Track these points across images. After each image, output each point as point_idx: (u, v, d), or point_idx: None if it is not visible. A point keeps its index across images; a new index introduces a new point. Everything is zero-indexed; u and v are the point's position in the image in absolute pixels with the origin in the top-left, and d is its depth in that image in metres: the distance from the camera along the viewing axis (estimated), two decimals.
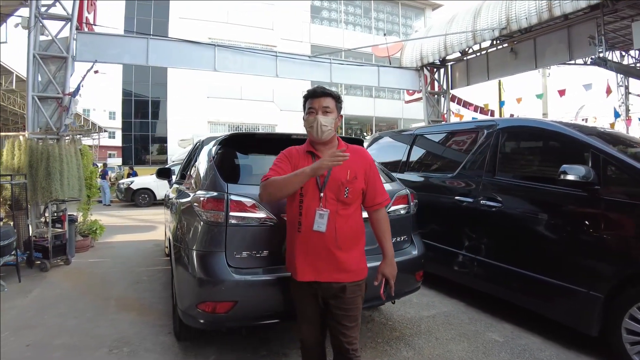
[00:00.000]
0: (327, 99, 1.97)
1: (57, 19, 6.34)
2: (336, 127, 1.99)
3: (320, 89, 1.99)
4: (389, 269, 2.01)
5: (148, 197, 13.86)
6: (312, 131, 1.95)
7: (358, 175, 1.94)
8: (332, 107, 1.97)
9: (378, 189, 2.00)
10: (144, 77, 22.96)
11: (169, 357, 2.89)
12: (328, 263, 1.89)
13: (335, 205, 1.91)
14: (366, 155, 2.04)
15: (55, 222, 5.60)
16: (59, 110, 6.13)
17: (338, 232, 1.89)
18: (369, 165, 1.99)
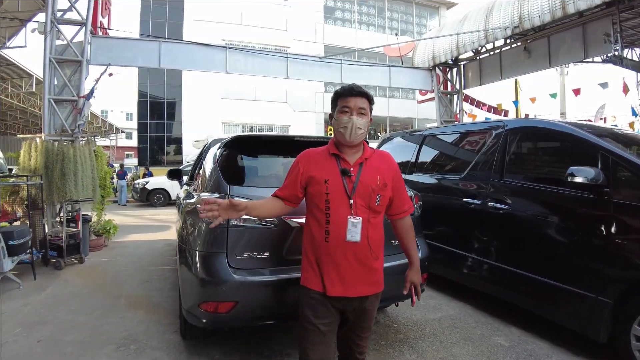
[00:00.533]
0: (363, 99, 1.83)
1: (72, 24, 6.49)
2: (367, 129, 1.86)
3: (357, 88, 1.84)
4: (417, 276, 1.96)
5: (163, 197, 14.06)
6: (344, 132, 1.78)
7: (387, 182, 1.84)
8: (367, 109, 1.84)
9: (404, 196, 1.95)
10: (159, 78, 23.31)
11: (174, 355, 2.94)
12: (360, 275, 1.78)
13: (366, 213, 1.78)
14: (393, 161, 1.94)
15: (69, 222, 5.75)
16: (73, 112, 6.28)
17: (371, 241, 1.79)
18: (395, 172, 1.91)
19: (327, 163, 1.83)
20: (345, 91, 1.84)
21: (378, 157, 1.89)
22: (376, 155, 1.89)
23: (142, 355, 2.94)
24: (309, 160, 1.88)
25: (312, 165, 1.85)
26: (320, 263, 1.79)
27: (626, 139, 3.44)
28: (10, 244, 4.30)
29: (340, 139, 1.81)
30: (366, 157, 1.84)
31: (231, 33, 21.72)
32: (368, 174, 1.80)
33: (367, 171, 1.79)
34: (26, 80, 14.33)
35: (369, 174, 1.80)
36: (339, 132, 1.81)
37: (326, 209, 1.77)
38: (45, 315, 3.72)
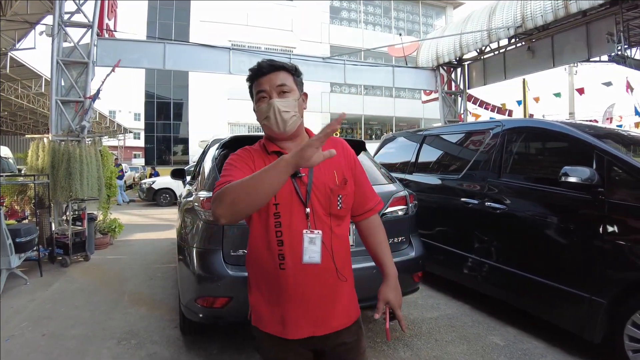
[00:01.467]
0: (280, 73, 1.33)
1: (79, 27, 6.62)
2: (302, 110, 1.38)
3: (267, 62, 1.35)
4: (394, 293, 1.38)
5: (169, 197, 14.20)
6: (270, 124, 1.31)
7: (347, 176, 1.38)
8: (291, 84, 1.34)
9: (368, 191, 1.47)
10: (165, 79, 23.55)
11: (173, 349, 3.02)
12: (329, 306, 1.33)
13: (327, 223, 1.33)
14: (348, 147, 1.47)
15: (75, 220, 5.88)
16: (80, 113, 6.40)
17: (337, 259, 1.33)
18: (353, 161, 1.44)
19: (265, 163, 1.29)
20: (255, 71, 1.36)
21: (329, 145, 1.35)
22: (327, 144, 1.28)
23: (142, 349, 3.03)
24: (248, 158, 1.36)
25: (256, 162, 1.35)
26: (279, 298, 1.31)
27: (626, 140, 3.45)
28: (17, 241, 4.41)
29: (270, 133, 1.35)
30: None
31: (237, 34, 21.89)
32: (322, 170, 1.34)
33: (319, 166, 1.26)
34: (35, 81, 14.57)
35: (323, 170, 1.34)
36: (264, 126, 1.34)
37: (276, 225, 1.28)
38: (50, 311, 3.82)
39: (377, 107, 25.76)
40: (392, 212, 3.01)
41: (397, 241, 3.04)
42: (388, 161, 5.74)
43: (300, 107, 1.36)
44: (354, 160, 1.45)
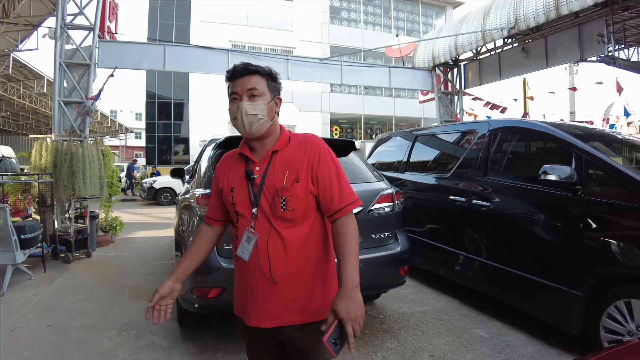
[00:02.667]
0: (252, 77, 1.40)
1: (81, 29, 6.78)
2: (272, 114, 1.43)
3: (242, 66, 1.42)
4: (345, 304, 1.20)
5: (170, 196, 14.37)
6: (236, 124, 1.41)
7: (300, 175, 1.37)
8: (262, 89, 1.40)
9: (334, 192, 1.37)
10: (166, 79, 23.65)
11: (171, 339, 3.18)
12: (266, 303, 1.38)
13: (267, 225, 1.37)
14: (315, 145, 1.42)
15: (77, 218, 6.04)
16: (82, 114, 6.56)
17: (273, 261, 1.36)
18: (314, 159, 1.38)
19: (236, 166, 1.48)
20: (229, 74, 1.44)
21: (296, 144, 1.43)
22: (294, 143, 1.44)
23: (141, 339, 3.19)
24: (220, 166, 1.55)
25: (222, 171, 1.53)
26: (238, 286, 1.50)
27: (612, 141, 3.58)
28: (22, 237, 4.57)
29: (240, 133, 1.44)
30: (275, 150, 1.42)
31: (237, 34, 22.02)
32: (276, 171, 1.39)
33: (274, 167, 1.39)
34: (37, 82, 14.74)
35: (276, 171, 1.39)
36: (234, 126, 1.44)
37: (236, 221, 1.44)
38: (54, 304, 3.99)
39: (376, 107, 25.86)
40: (379, 209, 3.16)
41: (383, 236, 3.18)
42: (382, 160, 5.89)
43: (270, 111, 1.41)
44: (319, 161, 1.38)
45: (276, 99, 1.46)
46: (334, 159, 1.42)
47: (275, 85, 1.46)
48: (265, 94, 1.41)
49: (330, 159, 1.41)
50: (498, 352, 3.02)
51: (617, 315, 2.66)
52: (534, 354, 3.01)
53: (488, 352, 3.04)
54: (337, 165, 1.42)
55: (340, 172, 1.41)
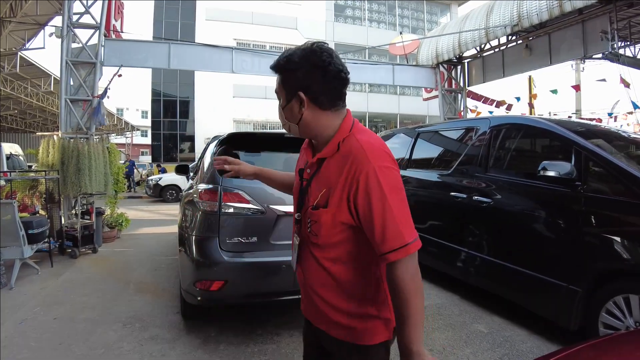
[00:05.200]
0: (277, 77, 1.20)
1: (87, 28, 6.86)
2: (295, 116, 1.16)
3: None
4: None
5: (175, 193, 14.46)
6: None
7: (331, 199, 1.11)
8: (278, 89, 1.20)
9: (377, 227, 1.05)
10: (172, 78, 23.79)
11: (174, 332, 3.25)
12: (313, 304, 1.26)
13: (304, 236, 1.24)
14: (358, 162, 1.07)
15: (84, 214, 6.13)
16: (88, 111, 6.65)
17: (308, 276, 1.25)
18: (355, 182, 1.07)
19: (306, 154, 1.29)
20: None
21: (341, 156, 1.13)
22: (340, 153, 1.13)
23: (145, 331, 3.25)
24: (303, 146, 1.36)
25: (301, 152, 1.37)
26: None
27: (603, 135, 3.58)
28: (29, 232, 4.66)
29: None
30: (324, 157, 1.18)
31: (242, 32, 22.11)
32: (316, 183, 1.19)
33: (317, 178, 1.18)
34: (44, 80, 14.87)
35: (316, 183, 1.19)
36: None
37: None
38: (61, 297, 4.07)
39: (381, 104, 25.83)
40: None
41: None
42: None
43: (291, 113, 1.17)
44: (357, 187, 1.06)
45: (297, 94, 1.13)
46: (382, 186, 1.04)
47: (289, 79, 1.15)
48: (281, 95, 1.20)
49: (375, 186, 1.04)
50: (497, 347, 3.05)
51: (615, 311, 2.68)
52: (532, 348, 3.03)
53: (487, 346, 3.07)
54: (387, 194, 1.04)
55: (388, 205, 1.04)
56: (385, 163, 1.08)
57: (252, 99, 22.88)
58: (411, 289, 1.04)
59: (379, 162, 1.06)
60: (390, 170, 1.08)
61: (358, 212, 1.07)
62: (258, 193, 2.80)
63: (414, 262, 1.07)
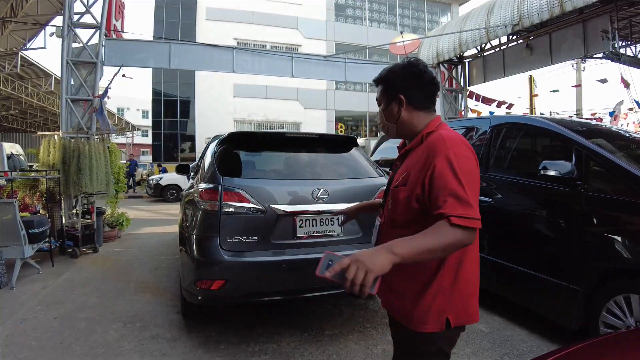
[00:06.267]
0: (377, 88, 1.50)
1: (87, 27, 6.86)
2: (393, 117, 1.42)
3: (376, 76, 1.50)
4: (363, 251, 1.10)
5: (176, 193, 14.48)
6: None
7: (410, 179, 1.31)
8: (380, 97, 1.47)
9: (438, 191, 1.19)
10: (172, 77, 23.78)
11: (175, 331, 3.25)
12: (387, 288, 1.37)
13: (386, 216, 1.45)
14: (435, 151, 1.25)
15: (84, 214, 6.14)
16: (89, 111, 6.65)
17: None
18: (431, 167, 1.23)
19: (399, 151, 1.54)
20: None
21: (424, 147, 1.33)
22: (424, 145, 1.34)
23: (145, 331, 3.26)
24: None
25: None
26: None
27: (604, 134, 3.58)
28: (30, 232, 4.66)
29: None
30: (409, 148, 1.42)
31: (243, 32, 22.13)
32: (401, 169, 1.42)
33: (404, 164, 1.41)
34: (45, 80, 14.90)
35: (402, 169, 1.41)
36: None
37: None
38: (61, 297, 4.07)
39: None
40: None
41: None
42: (386, 157, 5.91)
43: (389, 115, 1.44)
44: (436, 168, 1.21)
45: (396, 98, 1.41)
46: (454, 167, 1.19)
47: (387, 88, 1.45)
48: (382, 101, 1.47)
49: (448, 166, 1.20)
50: (498, 347, 3.05)
51: (616, 310, 2.68)
52: (533, 348, 3.03)
53: (488, 346, 3.07)
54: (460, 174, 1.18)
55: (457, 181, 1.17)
56: (461, 151, 1.24)
57: (253, 98, 22.90)
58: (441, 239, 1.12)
59: (455, 150, 1.24)
60: (466, 158, 1.25)
61: (430, 186, 1.22)
62: (258, 192, 2.81)
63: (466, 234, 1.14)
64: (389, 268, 1.07)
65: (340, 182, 3.14)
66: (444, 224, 1.13)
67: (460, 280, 1.31)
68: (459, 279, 1.30)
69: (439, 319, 1.28)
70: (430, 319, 1.28)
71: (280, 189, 2.91)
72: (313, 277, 1.13)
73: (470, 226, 1.14)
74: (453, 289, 1.29)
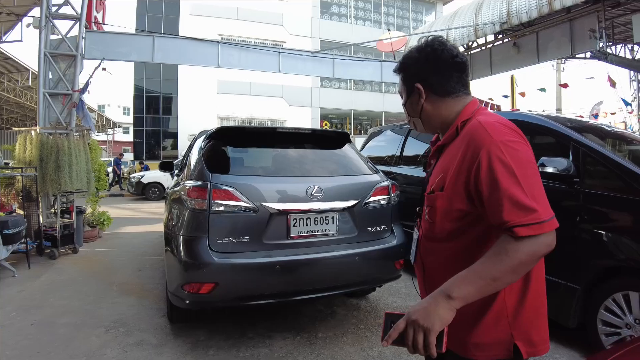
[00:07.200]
0: (398, 78, 1.26)
1: (66, 19, 6.59)
2: (416, 110, 1.20)
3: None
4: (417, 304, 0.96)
5: (158, 191, 14.19)
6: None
7: (447, 181, 1.07)
8: (401, 88, 1.26)
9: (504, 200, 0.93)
10: (155, 73, 23.36)
11: (161, 337, 3.08)
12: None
13: (423, 228, 1.21)
14: (477, 142, 1.00)
15: (64, 213, 5.88)
16: (68, 106, 6.39)
17: (427, 268, 1.20)
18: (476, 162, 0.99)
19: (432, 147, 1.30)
20: None
21: (461, 138, 1.09)
22: (460, 136, 1.10)
23: (130, 336, 3.08)
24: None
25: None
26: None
27: (606, 134, 3.56)
28: (5, 233, 4.42)
29: None
30: (443, 144, 1.19)
31: (227, 28, 21.82)
32: (436, 170, 1.18)
33: (439, 164, 1.18)
34: (22, 75, 14.40)
35: (436, 170, 1.18)
36: None
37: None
38: (39, 301, 3.86)
39: (366, 102, 25.91)
40: (376, 202, 3.10)
41: (379, 229, 3.13)
42: (375, 154, 5.82)
43: (412, 108, 1.22)
44: (478, 167, 0.98)
45: (415, 88, 1.17)
46: (507, 159, 0.95)
47: (408, 73, 1.21)
48: (403, 92, 1.25)
49: (499, 160, 0.96)
50: None
51: (614, 308, 2.64)
52: None
53: None
54: (514, 167, 0.95)
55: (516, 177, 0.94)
56: (509, 137, 1.00)
57: (237, 95, 22.62)
58: (505, 265, 0.91)
59: (502, 137, 0.99)
60: (517, 143, 1.00)
61: (480, 192, 0.98)
62: (249, 190, 2.67)
63: (541, 242, 0.93)
64: (451, 318, 0.91)
65: (334, 180, 3.03)
66: (507, 239, 0.92)
67: (529, 298, 1.06)
68: (527, 294, 1.06)
69: (500, 345, 1.05)
70: (490, 348, 1.05)
71: (272, 186, 2.78)
72: (307, 279, 1.03)
73: (542, 232, 0.92)
74: (521, 309, 1.05)
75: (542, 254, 0.94)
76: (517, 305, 1.05)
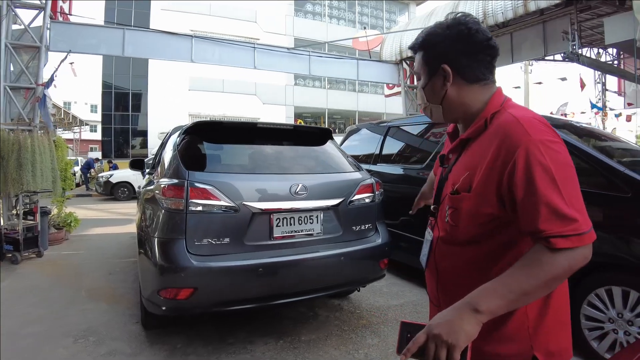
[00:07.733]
0: (416, 56, 1.11)
1: (30, 8, 6.22)
2: (438, 96, 1.06)
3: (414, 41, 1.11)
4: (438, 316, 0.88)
5: (127, 191, 13.75)
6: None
7: (476, 182, 0.97)
8: (419, 69, 1.10)
9: (542, 207, 0.85)
10: (124, 69, 22.65)
11: (135, 345, 2.91)
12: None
13: (438, 230, 1.12)
14: (511, 139, 0.91)
15: (27, 214, 5.54)
16: (32, 100, 6.03)
17: (441, 273, 1.11)
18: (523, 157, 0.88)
19: (450, 139, 1.23)
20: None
21: (491, 133, 0.98)
22: (490, 131, 0.99)
23: (101, 346, 2.89)
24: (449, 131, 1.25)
25: (448, 137, 1.27)
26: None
27: (578, 131, 3.62)
28: None
29: None
30: (468, 137, 1.05)
31: (199, 23, 21.33)
32: (458, 167, 1.07)
33: (460, 162, 1.07)
34: None
35: (458, 167, 1.07)
36: None
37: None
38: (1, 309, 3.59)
39: (340, 101, 26.01)
40: (360, 200, 3.03)
41: (364, 228, 3.06)
42: (353, 153, 5.75)
43: (431, 93, 1.07)
44: (518, 166, 0.88)
45: (442, 68, 1.03)
46: (547, 161, 0.86)
47: (434, 51, 1.05)
48: (422, 74, 1.09)
49: (538, 162, 0.86)
50: None
51: (597, 303, 2.69)
52: None
53: None
54: (554, 170, 0.86)
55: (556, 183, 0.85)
56: (548, 137, 0.90)
57: (209, 92, 22.21)
58: (544, 279, 0.84)
59: (541, 136, 0.89)
60: (556, 144, 0.91)
61: (514, 196, 0.89)
62: (230, 188, 2.54)
63: (578, 255, 0.85)
64: (476, 334, 0.83)
65: (318, 177, 2.94)
66: (542, 250, 0.85)
67: (551, 307, 1.00)
68: (549, 304, 0.99)
69: (521, 357, 0.99)
70: (509, 354, 1.00)
71: (254, 184, 2.66)
72: (292, 281, 0.93)
73: (581, 245, 0.85)
74: (542, 319, 0.99)
75: (577, 268, 0.87)
76: (539, 316, 0.99)
